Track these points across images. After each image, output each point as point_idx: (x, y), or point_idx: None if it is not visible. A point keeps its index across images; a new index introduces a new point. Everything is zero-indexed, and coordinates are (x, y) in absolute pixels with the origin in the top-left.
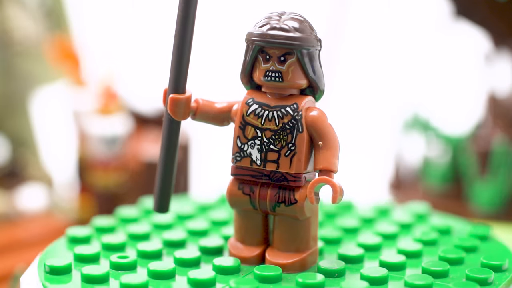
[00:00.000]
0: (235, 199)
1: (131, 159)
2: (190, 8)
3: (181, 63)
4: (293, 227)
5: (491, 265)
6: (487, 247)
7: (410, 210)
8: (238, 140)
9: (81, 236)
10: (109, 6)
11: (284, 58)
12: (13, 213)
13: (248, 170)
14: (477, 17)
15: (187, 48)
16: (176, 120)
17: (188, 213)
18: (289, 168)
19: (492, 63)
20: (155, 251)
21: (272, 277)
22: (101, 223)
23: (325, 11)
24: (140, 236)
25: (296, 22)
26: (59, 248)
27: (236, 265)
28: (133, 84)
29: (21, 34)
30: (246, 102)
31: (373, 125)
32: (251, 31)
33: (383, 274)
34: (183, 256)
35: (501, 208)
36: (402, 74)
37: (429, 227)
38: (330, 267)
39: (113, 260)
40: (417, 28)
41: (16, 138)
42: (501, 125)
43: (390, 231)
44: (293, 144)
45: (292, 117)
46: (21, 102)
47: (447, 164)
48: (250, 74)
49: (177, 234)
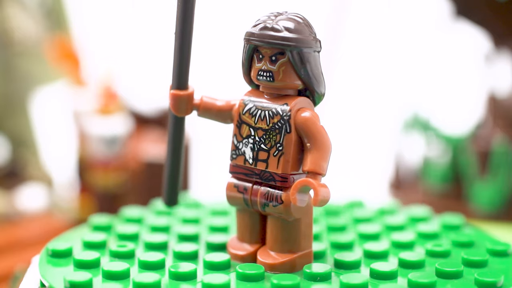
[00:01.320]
0: (231, 196)
1: (131, 159)
2: (189, 5)
3: (182, 60)
4: (284, 227)
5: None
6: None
7: (442, 221)
8: (235, 138)
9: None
10: (109, 6)
11: (276, 58)
12: (13, 213)
13: (242, 168)
14: (477, 17)
15: (188, 45)
16: (179, 117)
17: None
18: (276, 168)
19: (492, 63)
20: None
21: (252, 276)
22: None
23: (325, 11)
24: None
25: (292, 23)
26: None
27: (225, 261)
28: (133, 84)
29: (21, 34)
30: (243, 101)
31: (373, 125)
32: (248, 30)
33: (362, 281)
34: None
35: (501, 208)
36: (402, 74)
37: (449, 240)
38: (315, 271)
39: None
40: (417, 28)
41: (16, 138)
42: (501, 125)
43: (404, 240)
44: (281, 145)
45: (281, 117)
46: (21, 102)
47: (447, 164)
48: (249, 73)
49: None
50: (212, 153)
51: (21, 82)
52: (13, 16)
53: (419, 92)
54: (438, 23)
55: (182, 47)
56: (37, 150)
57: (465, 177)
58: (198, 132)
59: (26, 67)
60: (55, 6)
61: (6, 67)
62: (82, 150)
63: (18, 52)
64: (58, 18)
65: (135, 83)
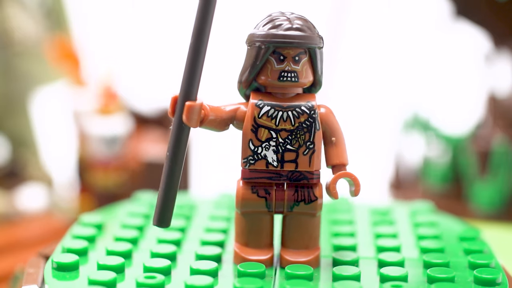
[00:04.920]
0: (248, 202)
1: (131, 159)
2: (208, 16)
3: (196, 70)
4: (307, 224)
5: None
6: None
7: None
8: (251, 143)
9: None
10: (109, 6)
11: (299, 58)
12: (13, 213)
13: (263, 173)
14: (477, 17)
15: (202, 55)
16: (187, 129)
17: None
18: (308, 166)
19: (492, 63)
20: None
21: (303, 276)
22: None
23: (325, 11)
24: None
25: (306, 22)
26: None
27: (261, 270)
28: (133, 84)
29: (21, 34)
30: (256, 105)
31: (373, 125)
32: (261, 32)
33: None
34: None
35: (501, 208)
36: (402, 74)
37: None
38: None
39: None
40: (417, 28)
41: (16, 138)
42: (501, 125)
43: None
44: (311, 142)
45: (308, 115)
46: (21, 102)
47: (447, 164)
48: (255, 77)
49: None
50: (212, 153)
51: (21, 82)
52: (13, 16)
53: (419, 92)
54: (438, 23)
55: (197, 58)
56: (37, 150)
57: (465, 177)
58: (198, 132)
59: (26, 67)
60: (55, 6)
61: (6, 67)
62: (82, 150)
63: (18, 52)
64: (58, 18)
65: (135, 83)
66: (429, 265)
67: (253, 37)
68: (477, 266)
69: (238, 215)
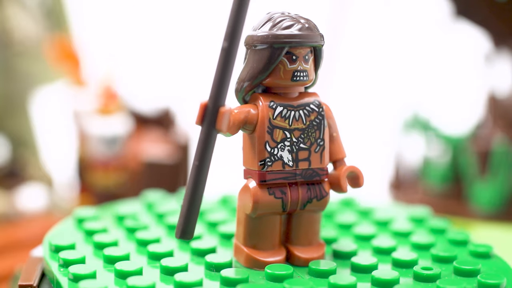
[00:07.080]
0: (265, 204)
1: (131, 159)
2: (240, 23)
3: (226, 76)
4: (313, 221)
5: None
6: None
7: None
8: (267, 145)
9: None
10: (109, 6)
11: (308, 57)
12: (13, 213)
13: (280, 174)
14: (477, 17)
15: (233, 61)
16: (215, 136)
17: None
18: (320, 163)
19: (492, 63)
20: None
21: (328, 271)
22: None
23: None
24: None
25: (309, 21)
26: None
27: (289, 272)
28: (133, 84)
29: (21, 34)
30: (269, 106)
31: (373, 125)
32: (273, 33)
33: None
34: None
35: (501, 208)
36: (402, 74)
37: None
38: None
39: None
40: (417, 28)
41: (16, 138)
42: (501, 125)
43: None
44: (322, 140)
45: (317, 113)
46: (21, 102)
47: (447, 164)
48: (264, 78)
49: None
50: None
51: (21, 82)
52: (13, 16)
53: (419, 92)
54: (438, 23)
55: (228, 65)
56: (37, 150)
57: (465, 177)
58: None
59: (26, 67)
60: (55, 6)
61: (6, 67)
62: (82, 150)
63: (18, 52)
64: (58, 18)
65: (135, 83)
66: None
67: (261, 38)
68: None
69: (247, 218)
